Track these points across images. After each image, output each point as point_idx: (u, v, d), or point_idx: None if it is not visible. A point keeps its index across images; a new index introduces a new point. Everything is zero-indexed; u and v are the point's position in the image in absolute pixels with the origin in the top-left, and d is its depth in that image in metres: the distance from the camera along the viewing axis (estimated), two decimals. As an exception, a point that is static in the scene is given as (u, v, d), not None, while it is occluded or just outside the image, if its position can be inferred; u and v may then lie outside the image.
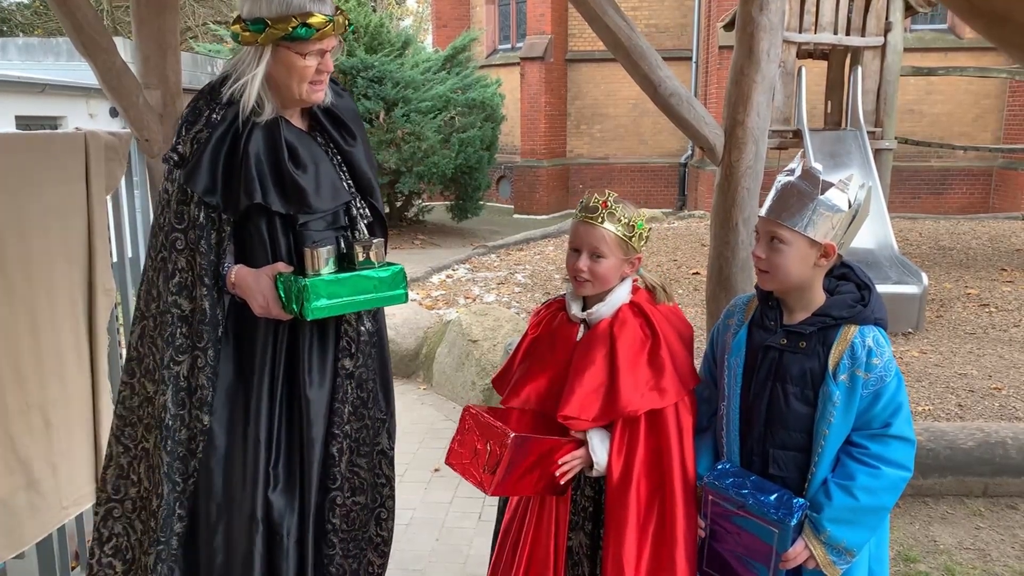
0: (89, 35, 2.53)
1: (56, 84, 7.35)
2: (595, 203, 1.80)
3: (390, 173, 11.01)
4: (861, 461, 1.62)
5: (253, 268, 1.90)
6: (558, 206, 15.55)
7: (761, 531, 1.66)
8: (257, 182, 1.86)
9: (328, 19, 1.82)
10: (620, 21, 2.63)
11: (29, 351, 2.44)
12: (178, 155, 1.92)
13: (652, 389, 1.75)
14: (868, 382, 1.61)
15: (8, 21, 20.90)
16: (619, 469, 1.75)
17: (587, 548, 1.87)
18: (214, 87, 1.94)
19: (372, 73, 10.80)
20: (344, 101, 2.07)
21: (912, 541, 3.03)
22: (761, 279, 1.71)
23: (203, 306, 1.89)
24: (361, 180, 2.04)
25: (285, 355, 1.96)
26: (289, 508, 1.96)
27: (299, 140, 1.94)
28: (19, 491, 2.42)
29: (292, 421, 1.98)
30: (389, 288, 1.91)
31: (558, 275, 7.90)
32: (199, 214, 1.88)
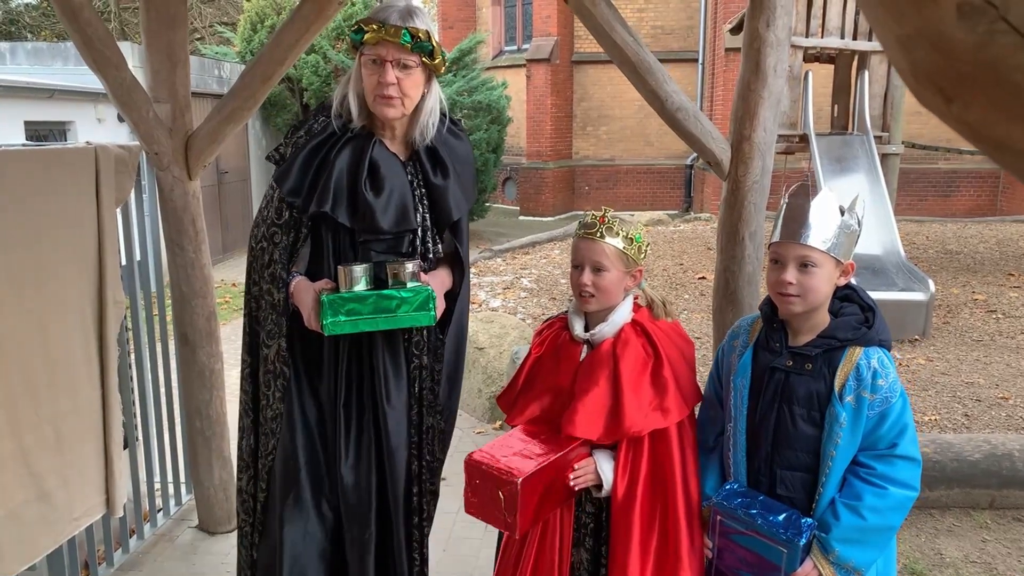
0: (99, 50, 2.55)
1: (65, 89, 7.37)
2: (593, 219, 1.83)
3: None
4: (868, 481, 1.63)
5: (318, 274, 2.03)
6: (564, 207, 15.54)
7: (769, 551, 1.67)
8: (331, 193, 1.95)
9: (380, 26, 1.87)
10: (628, 37, 2.64)
11: (41, 363, 2.46)
12: (279, 155, 2.08)
13: (656, 409, 1.76)
14: (874, 403, 1.62)
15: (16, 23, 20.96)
16: (623, 488, 1.77)
17: (588, 564, 1.88)
18: (328, 102, 2.08)
19: (378, 76, 10.82)
20: (457, 143, 2.12)
21: (918, 554, 3.03)
22: (789, 304, 1.68)
23: (283, 298, 2.03)
24: (441, 215, 2.08)
25: (353, 365, 2.05)
26: (363, 508, 2.06)
27: (386, 162, 2.01)
28: (31, 503, 2.44)
29: (363, 427, 2.06)
30: (414, 309, 1.93)
31: (564, 279, 7.91)
32: (286, 212, 2.03)
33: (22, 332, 2.39)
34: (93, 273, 2.68)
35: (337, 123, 2.02)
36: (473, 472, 1.77)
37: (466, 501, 1.81)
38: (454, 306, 2.17)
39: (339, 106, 2.01)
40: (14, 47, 8.73)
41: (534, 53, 15.03)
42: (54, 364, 2.51)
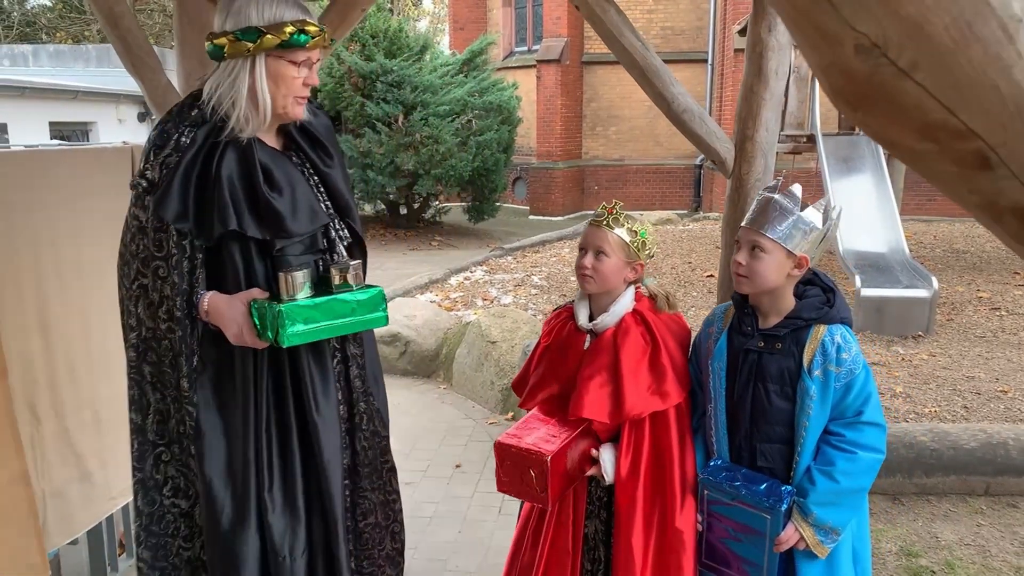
0: (138, 56, 2.71)
1: (87, 91, 7.56)
2: (603, 209, 1.98)
3: (408, 175, 11.20)
4: (839, 448, 1.78)
5: (227, 295, 1.84)
6: (573, 207, 15.67)
7: (754, 519, 1.81)
8: (231, 207, 1.78)
9: (320, 28, 1.81)
10: (635, 41, 2.78)
11: (82, 352, 2.62)
12: (147, 181, 1.83)
13: (654, 393, 1.90)
14: (840, 375, 1.77)
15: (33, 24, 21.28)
16: (627, 466, 1.91)
17: (602, 534, 2.03)
18: (183, 108, 1.87)
19: (391, 78, 10.98)
20: (320, 119, 2.03)
21: (915, 537, 3.15)
22: (739, 283, 1.85)
23: (176, 335, 1.83)
24: (339, 201, 1.98)
25: (272, 382, 1.89)
26: (291, 530, 1.91)
27: (274, 161, 1.88)
28: (73, 482, 2.60)
29: (286, 444, 1.92)
30: (368, 311, 1.87)
31: (574, 277, 8.04)
32: (171, 242, 1.81)
33: (66, 322, 2.55)
34: (130, 266, 2.84)
35: (203, 131, 1.81)
36: (504, 455, 1.90)
37: (498, 480, 1.94)
38: None
39: (219, 115, 1.80)
40: (37, 49, 8.94)
41: (544, 54, 15.16)
42: (94, 352, 2.67)
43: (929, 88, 0.45)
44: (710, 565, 1.93)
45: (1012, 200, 0.46)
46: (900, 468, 3.44)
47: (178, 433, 1.94)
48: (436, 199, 12.76)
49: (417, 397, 5.10)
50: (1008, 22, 0.43)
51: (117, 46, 2.68)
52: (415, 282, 7.26)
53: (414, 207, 12.53)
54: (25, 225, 2.40)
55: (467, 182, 11.89)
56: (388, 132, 10.86)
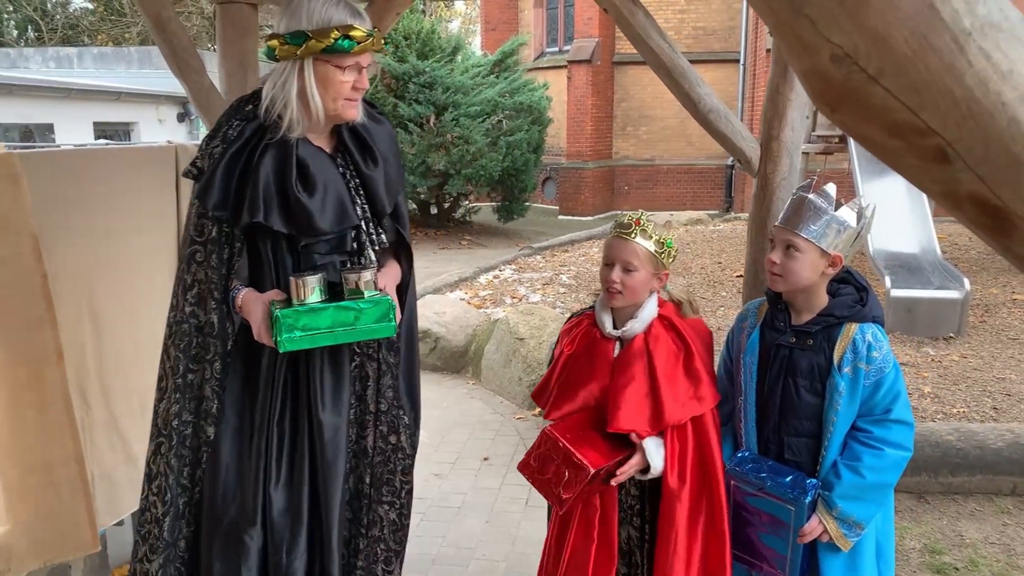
0: (183, 58, 2.83)
1: (130, 92, 7.79)
2: (629, 220, 1.94)
3: (439, 175, 11.32)
4: (866, 444, 1.81)
5: (259, 286, 1.89)
6: (603, 207, 15.70)
7: (779, 510, 1.85)
8: (261, 200, 1.83)
9: (368, 33, 1.81)
10: (663, 43, 2.84)
11: (129, 342, 2.75)
12: (196, 168, 1.93)
13: (692, 398, 1.90)
14: (869, 373, 1.80)
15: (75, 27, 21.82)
16: (675, 477, 1.89)
17: (636, 540, 2.01)
18: (241, 102, 1.94)
19: (423, 79, 11.11)
20: (380, 127, 2.03)
21: (939, 535, 3.17)
22: (773, 281, 1.89)
23: (212, 319, 1.89)
24: (376, 205, 1.98)
25: (290, 377, 1.92)
26: (290, 531, 1.91)
27: (314, 159, 1.90)
28: (120, 466, 2.73)
29: (296, 443, 1.93)
30: (374, 321, 1.81)
31: (603, 276, 8.09)
32: (212, 228, 1.89)
33: (114, 313, 2.68)
34: (173, 261, 2.96)
35: (252, 126, 1.87)
36: (548, 445, 1.87)
37: (524, 463, 1.93)
38: (404, 296, 2.06)
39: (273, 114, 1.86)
40: (81, 52, 9.20)
41: (575, 54, 15.21)
42: (140, 342, 2.79)
43: (894, 92, 0.52)
44: (736, 555, 1.95)
45: (968, 190, 0.53)
46: (926, 467, 3.45)
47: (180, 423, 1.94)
48: (466, 199, 12.88)
49: (446, 392, 5.20)
50: (959, 35, 0.49)
51: (163, 49, 2.80)
52: (445, 280, 7.37)
53: (444, 207, 12.66)
54: (77, 219, 2.53)
55: (497, 182, 11.99)
56: (420, 133, 10.99)
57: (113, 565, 2.98)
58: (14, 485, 2.32)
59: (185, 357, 1.93)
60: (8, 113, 6.89)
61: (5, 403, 2.29)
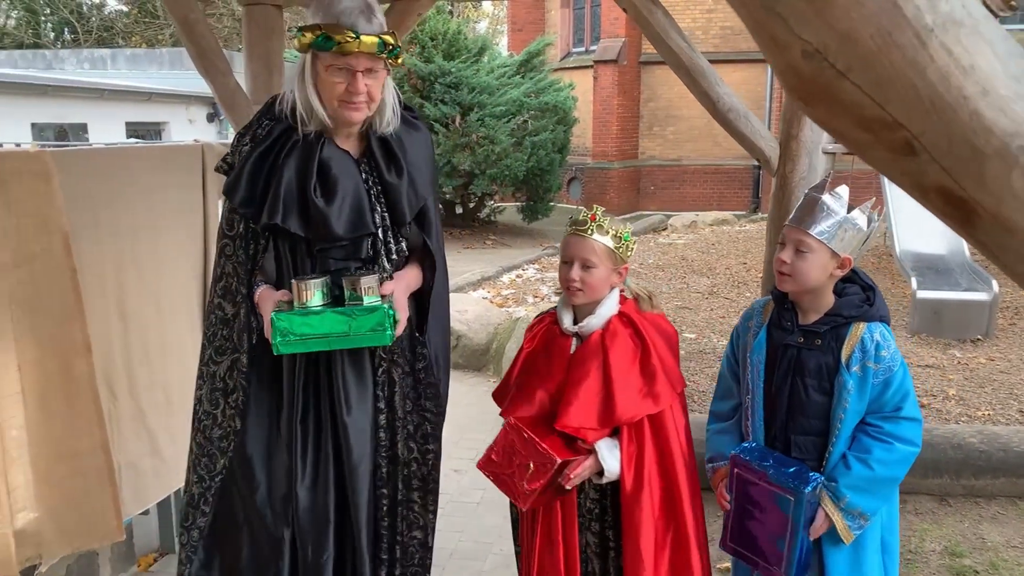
0: (210, 60, 2.90)
1: (161, 92, 7.94)
2: (585, 217, 1.89)
3: (464, 175, 11.38)
4: (876, 438, 1.82)
5: (279, 285, 1.91)
6: (629, 207, 15.66)
7: (780, 500, 1.83)
8: (281, 202, 1.83)
9: (354, 37, 1.70)
10: (682, 42, 2.85)
11: (156, 335, 2.82)
12: (227, 164, 1.96)
13: (646, 396, 1.85)
14: (878, 372, 1.81)
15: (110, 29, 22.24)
16: (631, 477, 1.85)
17: (596, 547, 1.97)
18: (273, 102, 1.92)
19: (449, 79, 11.18)
20: (416, 133, 1.99)
21: (960, 538, 3.14)
22: (781, 281, 1.88)
23: (239, 312, 1.93)
24: (395, 215, 1.94)
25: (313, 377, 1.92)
26: (315, 530, 1.92)
27: (337, 162, 1.87)
28: (145, 456, 2.80)
29: (320, 444, 1.93)
30: (368, 328, 1.79)
31: (626, 276, 8.09)
32: (240, 224, 1.92)
33: (141, 308, 2.75)
34: (199, 257, 3.03)
35: (281, 126, 1.87)
36: (514, 435, 1.82)
37: (485, 459, 1.88)
38: (429, 302, 2.03)
39: (286, 111, 1.86)
40: (115, 53, 9.40)
41: (602, 54, 15.20)
42: (166, 335, 2.86)
43: (862, 87, 0.54)
44: (735, 549, 1.95)
45: (935, 181, 0.55)
46: (948, 469, 3.42)
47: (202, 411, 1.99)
48: (491, 199, 12.92)
49: (468, 389, 5.24)
50: (921, 31, 0.51)
51: (190, 50, 2.87)
52: (468, 279, 7.42)
53: (470, 206, 12.71)
54: (106, 216, 2.60)
55: (522, 182, 12.02)
56: (445, 133, 11.06)
57: (139, 554, 3.06)
58: (43, 473, 2.39)
59: (210, 346, 1.97)
60: (44, 113, 7.06)
61: (35, 393, 2.36)
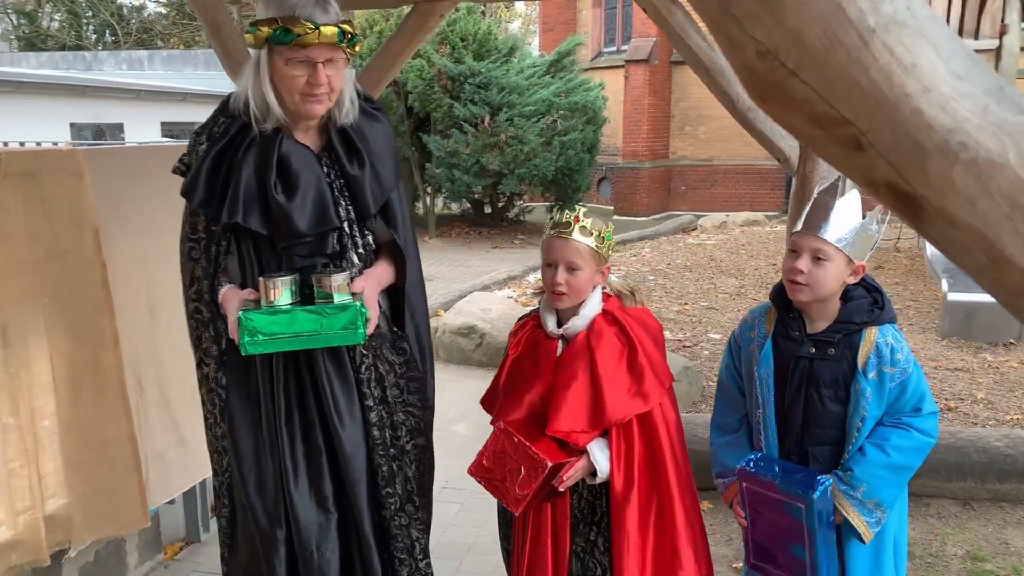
0: (236, 60, 2.96)
1: (195, 93, 8.09)
2: (567, 219, 1.84)
3: (493, 175, 11.43)
4: (895, 426, 1.79)
5: (243, 286, 1.86)
6: (659, 208, 15.59)
7: (792, 510, 1.76)
8: (241, 201, 1.79)
9: (313, 27, 1.69)
10: (701, 42, 2.85)
11: (180, 328, 2.87)
12: (184, 165, 1.92)
13: (635, 395, 1.82)
14: (894, 376, 1.77)
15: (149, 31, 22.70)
16: (621, 478, 1.82)
17: (586, 546, 1.94)
18: (228, 100, 1.89)
19: (479, 79, 11.24)
20: (376, 124, 1.95)
21: (983, 542, 3.10)
22: (795, 291, 1.79)
23: (204, 316, 1.91)
24: (358, 208, 1.90)
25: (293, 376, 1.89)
26: (318, 525, 1.90)
27: (297, 157, 1.83)
28: (171, 447, 2.88)
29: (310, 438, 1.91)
30: (340, 327, 1.75)
31: (652, 276, 8.07)
32: (202, 226, 1.89)
33: (168, 303, 2.82)
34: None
35: (237, 123, 1.83)
36: (504, 440, 1.79)
37: (476, 464, 1.84)
38: (403, 298, 2.00)
39: (242, 108, 1.82)
40: (152, 55, 9.60)
41: (633, 54, 15.15)
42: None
43: (811, 84, 0.56)
44: (758, 565, 1.88)
45: (883, 176, 0.56)
46: (972, 473, 3.37)
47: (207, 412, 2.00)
48: (520, 198, 12.96)
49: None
50: (864, 32, 0.53)
51: (218, 51, 2.94)
52: (493, 278, 7.47)
53: (498, 206, 12.77)
54: (134, 213, 2.68)
55: (550, 181, 12.04)
56: (474, 133, 11.12)
57: (166, 542, 3.14)
58: (72, 460, 2.47)
59: (198, 351, 1.97)
60: (82, 113, 7.25)
61: (66, 383, 2.45)
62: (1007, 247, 0.53)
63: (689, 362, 4.98)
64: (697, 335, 6.01)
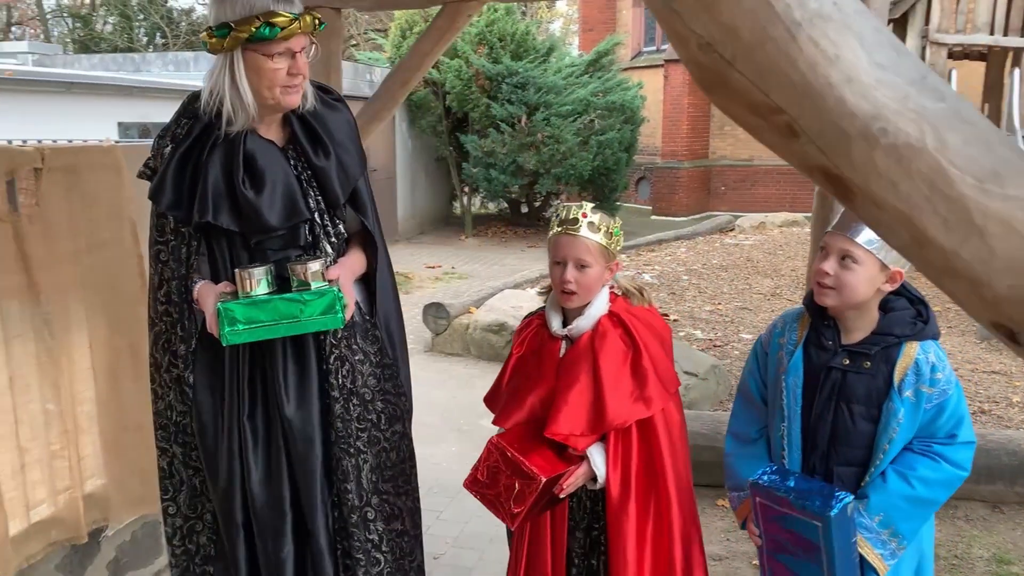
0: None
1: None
2: (575, 215, 1.80)
3: (529, 174, 11.49)
4: (924, 454, 1.64)
5: (218, 282, 1.87)
6: (698, 208, 15.48)
7: (807, 529, 1.62)
8: (210, 199, 1.81)
9: (293, 17, 1.74)
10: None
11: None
12: (149, 169, 1.93)
13: (637, 400, 1.77)
14: (932, 396, 1.64)
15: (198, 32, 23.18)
16: (617, 482, 1.78)
17: (585, 547, 1.92)
18: (190, 101, 1.91)
19: (516, 79, 11.30)
20: (336, 113, 1.97)
21: (1010, 545, 3.06)
22: (822, 295, 1.68)
23: (174, 317, 1.92)
24: (327, 198, 1.92)
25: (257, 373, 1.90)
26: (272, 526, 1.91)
27: (263, 153, 1.85)
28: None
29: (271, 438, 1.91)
30: (319, 312, 1.77)
31: (687, 276, 8.04)
32: (169, 228, 1.90)
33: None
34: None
35: (201, 124, 1.86)
36: (497, 456, 1.76)
37: (471, 478, 1.81)
38: (375, 285, 2.02)
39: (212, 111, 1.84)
40: (198, 56, 9.86)
41: (672, 53, 15.03)
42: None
43: (747, 75, 0.60)
44: None
45: (815, 161, 0.59)
46: (1002, 476, 3.33)
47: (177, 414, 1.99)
48: (556, 198, 12.99)
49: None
50: (791, 25, 0.57)
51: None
52: (525, 276, 7.52)
53: (535, 205, 12.81)
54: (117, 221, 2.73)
55: (587, 181, 12.05)
56: (511, 132, 11.18)
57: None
58: (110, 443, 2.59)
59: (167, 353, 1.96)
60: (129, 113, 7.48)
61: (105, 368, 2.57)
62: (928, 228, 0.56)
63: (718, 361, 4.98)
64: (728, 335, 5.99)
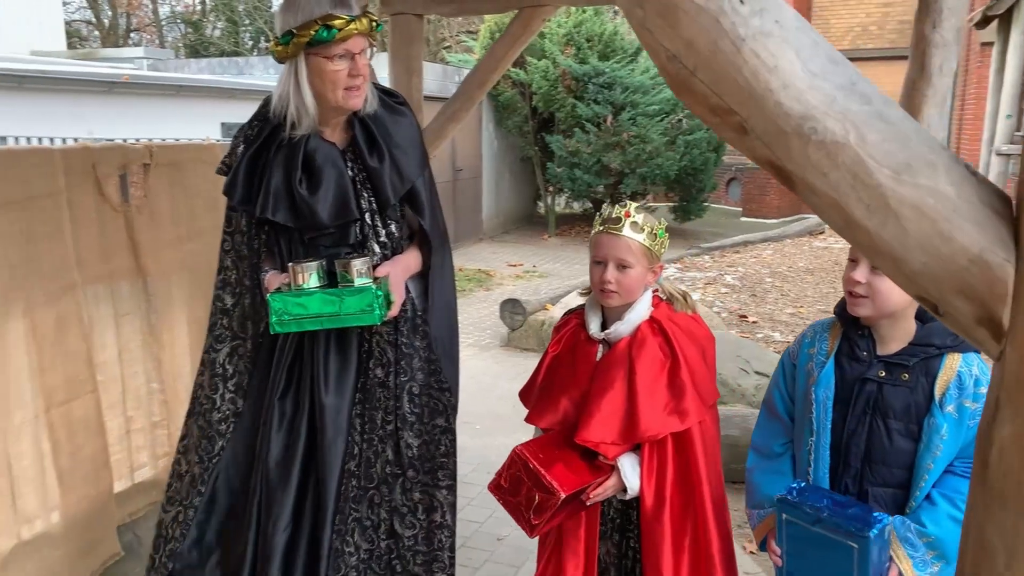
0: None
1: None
2: (618, 214, 1.78)
3: (614, 174, 11.52)
4: (966, 475, 1.53)
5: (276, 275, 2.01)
6: (790, 210, 15.12)
7: (838, 549, 1.51)
8: (272, 197, 1.95)
9: (350, 19, 1.83)
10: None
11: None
12: (226, 166, 2.09)
13: (672, 413, 1.72)
14: (976, 412, 1.53)
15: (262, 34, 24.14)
16: (652, 494, 1.74)
17: (614, 557, 1.89)
18: (263, 105, 2.06)
19: (602, 79, 11.35)
20: (399, 117, 2.06)
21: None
22: (855, 304, 1.61)
23: (244, 302, 2.07)
24: (379, 199, 2.01)
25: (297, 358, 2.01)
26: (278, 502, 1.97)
27: (321, 154, 1.97)
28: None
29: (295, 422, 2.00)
30: (357, 308, 1.87)
31: (770, 278, 7.93)
32: (242, 220, 2.06)
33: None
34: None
35: (270, 126, 2.00)
36: (520, 466, 1.74)
37: (495, 483, 1.80)
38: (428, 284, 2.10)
39: (281, 115, 1.96)
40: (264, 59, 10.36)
41: (765, 52, 14.79)
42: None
43: (706, 82, 0.70)
44: None
45: (763, 154, 0.68)
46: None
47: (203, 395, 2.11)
48: (642, 198, 12.96)
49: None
50: (736, 40, 0.66)
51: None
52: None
53: (620, 205, 12.81)
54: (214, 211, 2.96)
55: (674, 181, 11.99)
56: (597, 132, 11.24)
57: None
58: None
59: (210, 335, 2.13)
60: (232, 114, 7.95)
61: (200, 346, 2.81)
62: (854, 212, 0.65)
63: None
64: (808, 338, 5.90)
